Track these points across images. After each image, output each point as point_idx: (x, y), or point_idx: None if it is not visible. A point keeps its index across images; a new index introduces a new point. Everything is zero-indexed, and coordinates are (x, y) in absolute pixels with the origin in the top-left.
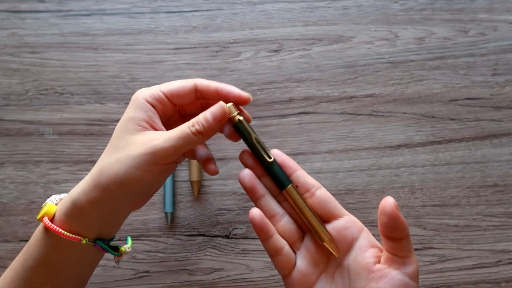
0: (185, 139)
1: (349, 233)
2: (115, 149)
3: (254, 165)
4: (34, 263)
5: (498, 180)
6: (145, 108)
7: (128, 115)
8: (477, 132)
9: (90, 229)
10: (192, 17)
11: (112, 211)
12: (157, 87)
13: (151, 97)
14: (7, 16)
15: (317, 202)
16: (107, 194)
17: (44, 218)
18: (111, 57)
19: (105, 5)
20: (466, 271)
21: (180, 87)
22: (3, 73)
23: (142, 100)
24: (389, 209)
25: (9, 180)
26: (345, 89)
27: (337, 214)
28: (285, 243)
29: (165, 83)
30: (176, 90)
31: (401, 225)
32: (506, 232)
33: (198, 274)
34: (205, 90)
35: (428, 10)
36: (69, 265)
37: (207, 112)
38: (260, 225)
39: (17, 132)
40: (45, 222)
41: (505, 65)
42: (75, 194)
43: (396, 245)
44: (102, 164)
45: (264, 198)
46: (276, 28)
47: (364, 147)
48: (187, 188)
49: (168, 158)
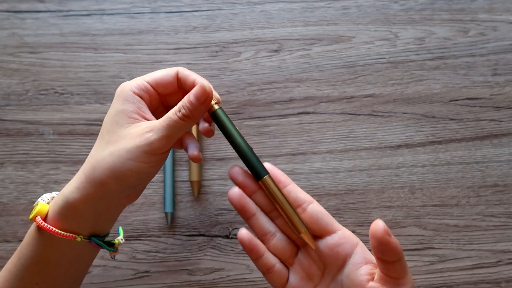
0: (174, 126)
1: (342, 249)
2: (107, 143)
3: (244, 182)
4: (28, 262)
5: (498, 180)
6: (133, 99)
7: (117, 108)
8: (477, 132)
9: (84, 226)
10: (192, 17)
11: (106, 207)
12: (141, 78)
13: (137, 88)
14: (7, 16)
15: (309, 217)
16: (103, 189)
17: (36, 217)
18: (111, 57)
19: (105, 5)
20: (466, 271)
21: (164, 75)
22: (3, 73)
23: (129, 92)
24: (379, 234)
25: (9, 180)
26: (345, 89)
27: (330, 229)
28: (276, 260)
29: (149, 73)
30: (160, 78)
31: (393, 249)
32: (506, 232)
33: (198, 274)
34: (184, 79)
35: (428, 10)
36: (64, 263)
37: (190, 94)
38: (249, 246)
39: (17, 132)
40: (38, 221)
41: (505, 65)
42: (68, 192)
43: (389, 267)
44: (95, 160)
45: (255, 217)
46: (276, 28)
47: (364, 147)
48: (187, 188)
49: (163, 148)
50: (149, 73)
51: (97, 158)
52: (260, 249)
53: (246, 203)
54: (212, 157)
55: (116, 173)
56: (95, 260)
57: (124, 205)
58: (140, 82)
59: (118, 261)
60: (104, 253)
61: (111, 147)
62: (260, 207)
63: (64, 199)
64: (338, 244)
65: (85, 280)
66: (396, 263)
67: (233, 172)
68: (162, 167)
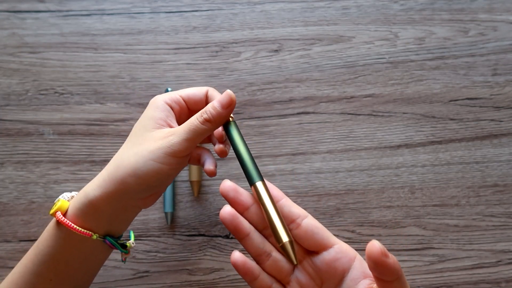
0: (195, 130)
1: (339, 265)
2: (133, 144)
3: (236, 197)
4: (45, 258)
5: (498, 180)
6: (163, 108)
7: (147, 115)
8: (477, 132)
9: (101, 225)
10: (192, 17)
11: (124, 207)
12: (175, 92)
13: (170, 99)
14: (7, 16)
15: (304, 233)
16: (123, 187)
17: (57, 213)
18: (111, 57)
19: (105, 5)
20: (466, 271)
21: (196, 91)
22: (3, 73)
23: (161, 102)
24: (375, 256)
25: (9, 180)
26: (345, 89)
27: (326, 244)
28: (272, 280)
29: (183, 89)
30: (192, 94)
31: (390, 270)
32: (506, 232)
33: (198, 274)
34: (211, 98)
35: (428, 10)
36: (79, 260)
37: (214, 101)
38: (243, 270)
39: (17, 132)
40: (58, 216)
41: (505, 65)
42: (90, 189)
43: (388, 285)
44: (120, 159)
45: (249, 237)
46: (276, 28)
47: (364, 147)
48: (187, 188)
49: (183, 151)
50: (183, 89)
51: (122, 158)
52: (255, 271)
53: (239, 223)
54: None
55: (138, 172)
56: None
57: (140, 208)
58: (174, 94)
59: (118, 261)
60: None
61: (135, 148)
62: (253, 224)
63: (85, 196)
64: (335, 259)
65: None
66: (394, 282)
67: (224, 188)
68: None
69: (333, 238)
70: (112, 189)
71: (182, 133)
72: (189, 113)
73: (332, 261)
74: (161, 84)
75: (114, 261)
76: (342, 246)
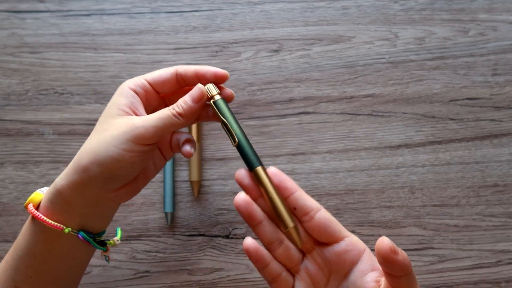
0: (165, 120)
1: (349, 257)
2: (97, 132)
3: (250, 185)
4: (22, 252)
5: (498, 180)
6: (127, 94)
7: (112, 101)
8: (477, 132)
9: (73, 217)
10: (192, 17)
11: (94, 198)
12: (140, 76)
13: (134, 85)
14: (7, 16)
15: (316, 225)
16: (87, 175)
17: (29, 205)
18: (111, 57)
19: (105, 5)
20: (466, 271)
21: (162, 73)
22: (3, 73)
23: (125, 88)
24: (384, 252)
25: (9, 180)
26: (345, 89)
27: (338, 236)
28: (282, 269)
29: (149, 72)
30: (158, 76)
31: (400, 266)
32: (506, 232)
33: (198, 274)
34: (184, 73)
35: (428, 10)
36: (55, 257)
37: (186, 95)
38: (255, 256)
39: (17, 132)
40: (29, 208)
41: (505, 65)
42: (58, 179)
43: (396, 281)
44: (83, 147)
45: (261, 225)
46: (276, 28)
47: (364, 147)
48: (187, 188)
49: (148, 139)
50: (151, 72)
51: (86, 146)
52: (266, 258)
53: (252, 210)
54: (212, 157)
55: (99, 158)
56: (95, 260)
57: (116, 202)
58: (138, 79)
59: (118, 261)
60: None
61: (98, 135)
62: (266, 212)
63: (54, 186)
64: (345, 251)
65: (85, 280)
66: (402, 278)
67: (239, 175)
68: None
69: (345, 231)
70: (77, 177)
71: (151, 120)
72: (159, 97)
73: (342, 253)
74: None
75: (114, 261)
76: (353, 239)
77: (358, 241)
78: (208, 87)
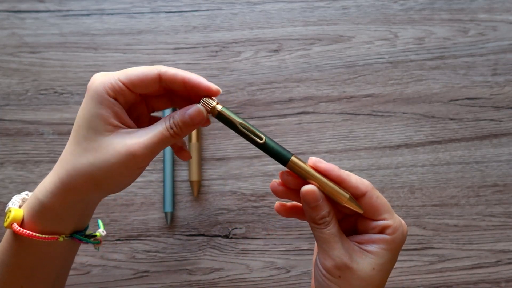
0: (163, 141)
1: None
2: (85, 150)
3: (296, 185)
4: (10, 268)
5: (498, 180)
6: (109, 103)
7: (92, 112)
8: (477, 132)
9: (65, 226)
10: (191, 17)
11: (85, 206)
12: (115, 77)
13: (112, 90)
14: (7, 16)
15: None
16: (83, 195)
17: (13, 225)
18: (111, 57)
19: (105, 5)
20: (465, 271)
21: (142, 76)
22: (3, 73)
23: (104, 95)
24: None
25: (9, 180)
26: (345, 89)
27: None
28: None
29: (125, 69)
30: (137, 79)
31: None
32: (506, 232)
33: (198, 274)
34: (171, 80)
35: (428, 10)
36: (47, 263)
37: (185, 114)
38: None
39: (17, 132)
40: (16, 229)
41: (505, 65)
42: (42, 196)
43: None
44: (72, 167)
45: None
46: (275, 28)
47: (363, 147)
48: (187, 188)
49: (146, 161)
50: (125, 69)
51: (75, 165)
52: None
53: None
54: (212, 157)
55: (98, 183)
56: (94, 260)
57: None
58: (115, 82)
59: (117, 261)
60: (104, 252)
61: (90, 156)
62: None
63: (39, 203)
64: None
65: (85, 279)
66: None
67: (282, 178)
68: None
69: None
70: (70, 197)
71: (149, 144)
72: (139, 97)
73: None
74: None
75: (114, 261)
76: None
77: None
78: (204, 101)
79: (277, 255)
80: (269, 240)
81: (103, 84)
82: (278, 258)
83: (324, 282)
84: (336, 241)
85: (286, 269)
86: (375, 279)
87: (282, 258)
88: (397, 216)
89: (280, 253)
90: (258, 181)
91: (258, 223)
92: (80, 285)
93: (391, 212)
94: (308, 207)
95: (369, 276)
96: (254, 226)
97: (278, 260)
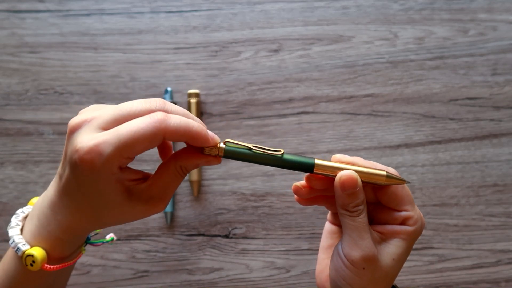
0: (176, 182)
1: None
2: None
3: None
4: None
5: (498, 180)
6: (119, 179)
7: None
8: (477, 132)
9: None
10: (191, 17)
11: None
12: (118, 151)
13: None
14: (7, 16)
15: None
16: (87, 233)
17: (45, 266)
18: (111, 57)
19: (105, 5)
20: (465, 271)
21: (147, 145)
22: (3, 73)
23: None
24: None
25: (9, 180)
26: (345, 89)
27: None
28: None
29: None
30: (141, 149)
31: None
32: (506, 232)
33: (198, 274)
34: (171, 138)
35: (428, 10)
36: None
37: (196, 163)
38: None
39: (17, 132)
40: (50, 268)
41: (505, 65)
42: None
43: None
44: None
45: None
46: (275, 28)
47: (363, 147)
48: (187, 188)
49: None
50: (124, 135)
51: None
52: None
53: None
54: None
55: (102, 224)
56: (94, 260)
57: None
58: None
59: (117, 261)
60: (104, 252)
61: (108, 219)
62: None
63: (56, 238)
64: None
65: (85, 279)
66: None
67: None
68: None
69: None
70: (75, 239)
71: (167, 199)
72: None
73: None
74: (161, 83)
75: (114, 261)
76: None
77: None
78: (207, 149)
79: (277, 255)
80: (269, 240)
81: (110, 168)
82: (278, 258)
83: (345, 273)
84: (366, 231)
85: (286, 269)
86: (394, 269)
87: (282, 258)
88: (417, 207)
89: (280, 253)
90: (258, 181)
91: (258, 223)
92: (80, 285)
93: (413, 203)
94: (345, 194)
95: (390, 267)
96: (254, 226)
97: (278, 260)
